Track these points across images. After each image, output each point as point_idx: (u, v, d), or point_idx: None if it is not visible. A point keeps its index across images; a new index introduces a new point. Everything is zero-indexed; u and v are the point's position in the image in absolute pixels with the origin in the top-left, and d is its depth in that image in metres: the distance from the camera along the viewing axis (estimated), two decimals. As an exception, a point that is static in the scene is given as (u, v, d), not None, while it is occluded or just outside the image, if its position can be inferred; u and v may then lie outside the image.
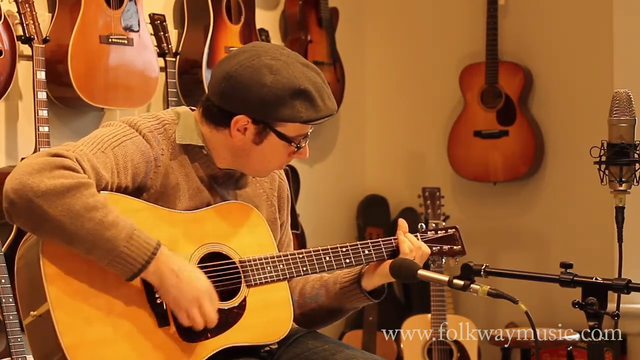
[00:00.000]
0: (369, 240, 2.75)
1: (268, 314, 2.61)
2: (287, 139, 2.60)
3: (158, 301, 2.48)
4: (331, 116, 2.61)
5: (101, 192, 2.45)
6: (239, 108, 2.56)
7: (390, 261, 2.70)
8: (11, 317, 3.25)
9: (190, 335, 2.50)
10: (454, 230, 2.89)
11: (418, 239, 2.80)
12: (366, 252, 2.74)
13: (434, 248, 2.83)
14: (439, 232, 2.87)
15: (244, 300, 2.58)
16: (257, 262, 2.62)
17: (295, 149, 2.63)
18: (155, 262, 2.42)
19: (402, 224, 2.81)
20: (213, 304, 2.50)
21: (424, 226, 2.87)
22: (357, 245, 2.74)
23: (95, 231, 2.37)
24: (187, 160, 2.61)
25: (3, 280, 3.26)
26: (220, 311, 2.53)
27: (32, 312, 2.44)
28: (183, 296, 2.45)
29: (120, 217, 2.41)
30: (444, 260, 2.87)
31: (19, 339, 3.25)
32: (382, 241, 2.76)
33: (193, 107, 2.70)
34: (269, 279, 2.62)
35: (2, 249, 3.33)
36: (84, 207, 2.37)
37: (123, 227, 2.39)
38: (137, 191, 2.55)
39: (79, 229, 2.36)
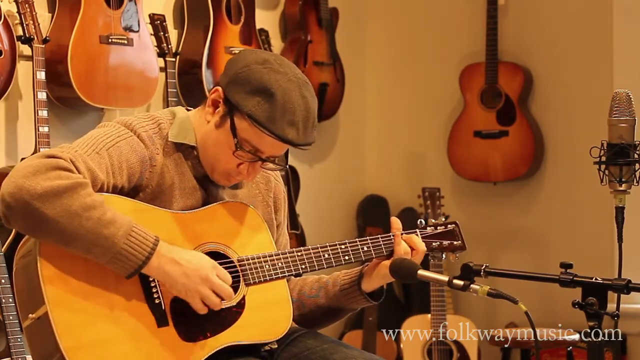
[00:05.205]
0: (367, 237, 2.73)
1: (267, 313, 2.61)
2: (234, 133, 2.53)
3: (157, 301, 2.48)
4: (292, 145, 2.52)
5: (97, 193, 2.44)
6: (222, 79, 2.56)
7: (389, 262, 2.67)
8: (11, 318, 3.25)
9: (190, 334, 2.50)
10: (453, 225, 2.85)
11: (418, 236, 2.79)
12: (365, 249, 2.72)
13: (433, 244, 2.81)
14: (438, 227, 2.84)
15: (243, 298, 2.58)
16: (256, 260, 2.61)
17: (237, 150, 2.53)
18: (156, 256, 2.42)
19: (396, 223, 2.76)
20: (222, 276, 2.49)
21: (423, 222, 2.83)
22: (355, 242, 2.72)
23: (94, 230, 2.37)
24: (182, 158, 2.60)
25: (3, 281, 3.26)
26: (219, 310, 2.53)
27: (30, 315, 2.43)
28: (190, 280, 2.45)
29: (117, 214, 2.41)
30: (444, 256, 2.84)
31: (19, 339, 3.25)
32: (381, 237, 2.74)
33: (190, 108, 2.70)
34: (267, 278, 2.61)
35: (2, 250, 3.33)
36: (82, 207, 2.36)
37: (121, 225, 2.39)
38: (133, 191, 2.54)
39: (78, 228, 2.36)
